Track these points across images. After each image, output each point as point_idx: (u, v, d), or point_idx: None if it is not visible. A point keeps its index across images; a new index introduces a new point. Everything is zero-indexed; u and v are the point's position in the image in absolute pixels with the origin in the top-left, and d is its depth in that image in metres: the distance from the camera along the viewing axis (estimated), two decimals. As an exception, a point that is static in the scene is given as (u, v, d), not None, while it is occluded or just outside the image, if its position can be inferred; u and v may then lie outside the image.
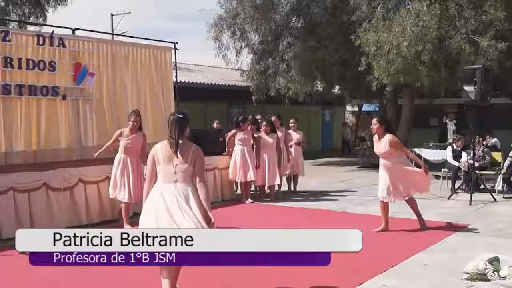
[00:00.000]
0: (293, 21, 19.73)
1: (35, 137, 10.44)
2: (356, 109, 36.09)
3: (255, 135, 12.07)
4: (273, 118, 12.77)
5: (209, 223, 5.25)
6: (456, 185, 12.64)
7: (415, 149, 15.83)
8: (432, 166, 15.20)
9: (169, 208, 5.13)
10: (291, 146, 12.94)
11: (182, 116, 5.70)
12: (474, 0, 14.49)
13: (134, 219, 9.51)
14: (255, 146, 12.04)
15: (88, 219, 9.34)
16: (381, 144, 8.53)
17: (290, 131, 13.23)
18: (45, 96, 10.55)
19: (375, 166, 19.54)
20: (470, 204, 11.05)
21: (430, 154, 15.26)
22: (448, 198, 11.91)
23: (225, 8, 19.57)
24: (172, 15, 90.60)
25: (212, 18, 19.66)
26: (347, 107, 35.03)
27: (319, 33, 17.79)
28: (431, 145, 15.78)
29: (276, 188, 12.46)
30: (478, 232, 8.50)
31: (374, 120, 8.77)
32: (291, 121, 13.37)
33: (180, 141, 5.50)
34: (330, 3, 17.52)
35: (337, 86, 22.05)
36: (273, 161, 11.93)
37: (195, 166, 5.40)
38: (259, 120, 12.75)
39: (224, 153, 12.21)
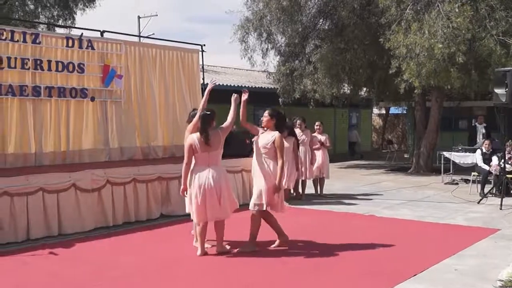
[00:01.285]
0: (320, 23, 19.62)
1: (64, 139, 10.54)
2: (383, 111, 35.84)
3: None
4: (298, 121, 12.68)
5: None
6: (486, 189, 12.42)
7: (444, 152, 15.66)
8: (462, 170, 15.09)
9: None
10: (318, 149, 12.85)
11: (209, 113, 7.38)
12: (505, 1, 14.25)
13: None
14: None
15: (113, 220, 9.37)
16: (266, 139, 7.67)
17: (315, 133, 13.14)
18: (74, 98, 10.67)
19: (402, 169, 19.57)
20: (501, 209, 10.85)
21: (459, 157, 15.05)
22: (478, 203, 11.72)
23: (252, 10, 19.52)
24: (198, 17, 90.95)
25: (238, 20, 19.64)
26: (374, 109, 34.78)
27: (346, 35, 17.65)
28: (460, 148, 15.54)
29: (293, 191, 12.35)
30: (510, 238, 8.33)
31: (266, 113, 8.03)
32: (317, 124, 13.29)
33: (210, 132, 7.09)
34: (358, 5, 17.39)
35: (365, 89, 21.87)
36: (289, 164, 11.71)
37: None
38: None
39: (251, 156, 12.09)
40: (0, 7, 21.46)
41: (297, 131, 12.49)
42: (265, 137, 7.64)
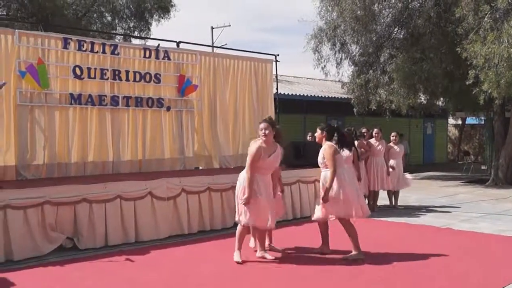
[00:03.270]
0: (395, 32, 19.34)
1: (141, 147, 10.77)
2: (459, 122, 34.93)
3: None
4: (374, 131, 12.49)
5: None
6: None
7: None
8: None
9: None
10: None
11: (278, 127, 7.59)
12: None
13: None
14: None
15: (189, 229, 9.47)
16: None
17: (391, 144, 12.91)
18: (151, 108, 10.89)
19: (480, 181, 18.95)
20: None
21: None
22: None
23: (325, 20, 19.46)
24: (270, 28, 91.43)
25: (312, 30, 19.63)
26: (450, 119, 33.94)
27: (422, 44, 17.32)
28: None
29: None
30: None
31: (317, 129, 8.01)
32: (393, 134, 13.03)
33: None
34: (434, 14, 17.04)
35: (441, 99, 21.39)
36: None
37: None
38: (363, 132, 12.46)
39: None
40: (79, 19, 22.21)
41: (373, 141, 12.32)
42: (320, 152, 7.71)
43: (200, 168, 11.90)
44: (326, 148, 7.59)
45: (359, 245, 7.49)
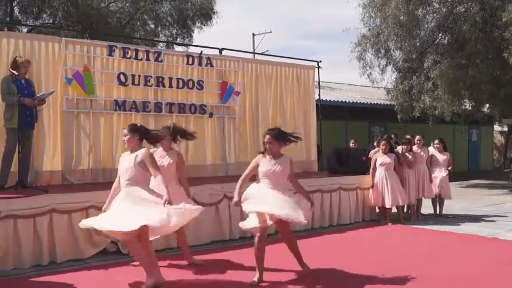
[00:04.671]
0: (439, 38, 19.13)
1: (183, 153, 10.79)
2: (506, 128, 34.23)
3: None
4: (417, 137, 12.32)
5: None
6: None
7: None
8: None
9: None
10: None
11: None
12: None
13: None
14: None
15: (230, 234, 9.49)
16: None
17: (435, 152, 12.69)
18: (193, 114, 10.97)
19: (529, 190, 18.47)
20: None
21: None
22: None
23: (369, 26, 19.36)
24: (310, 34, 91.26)
25: (354, 37, 19.57)
26: (496, 126, 33.29)
27: (467, 50, 17.05)
28: None
29: (405, 209, 12.00)
30: None
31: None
32: (435, 142, 12.79)
33: None
34: (480, 19, 16.75)
35: (487, 105, 21.01)
36: (392, 181, 11.32)
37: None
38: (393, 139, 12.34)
39: (367, 173, 11.84)
40: (123, 27, 22.55)
41: (415, 148, 12.16)
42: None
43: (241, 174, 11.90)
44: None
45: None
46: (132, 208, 6.22)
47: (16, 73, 8.14)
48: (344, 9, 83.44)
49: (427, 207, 12.61)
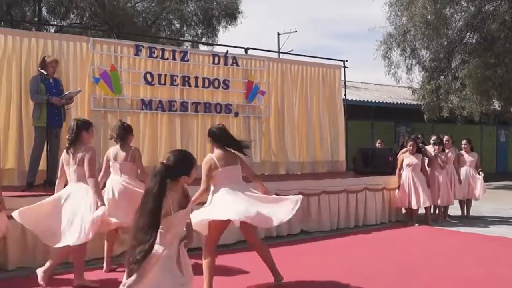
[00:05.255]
0: (467, 37, 18.92)
1: (209, 152, 10.81)
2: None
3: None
4: (445, 138, 12.18)
5: None
6: None
7: None
8: None
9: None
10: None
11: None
12: None
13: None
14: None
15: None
16: None
17: (462, 152, 12.54)
18: (219, 113, 10.98)
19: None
20: None
21: None
22: None
23: (395, 25, 19.23)
24: (336, 34, 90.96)
25: (380, 36, 19.47)
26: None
27: (496, 49, 16.84)
28: None
29: (432, 210, 11.86)
30: None
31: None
32: (463, 142, 12.64)
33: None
34: (509, 17, 16.52)
35: (517, 105, 20.75)
36: (419, 182, 11.20)
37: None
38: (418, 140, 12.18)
39: (394, 173, 11.72)
40: (149, 26, 22.70)
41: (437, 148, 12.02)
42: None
43: (266, 174, 11.88)
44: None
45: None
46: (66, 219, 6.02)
47: (45, 72, 8.23)
48: (372, 8, 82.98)
49: (454, 209, 12.46)
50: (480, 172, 12.41)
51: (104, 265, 7.08)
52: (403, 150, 12.08)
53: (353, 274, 7.01)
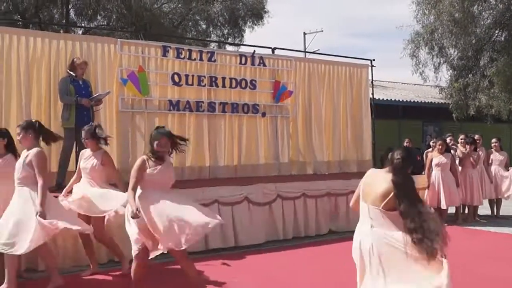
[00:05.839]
0: (496, 35, 18.69)
1: (237, 153, 10.86)
2: None
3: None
4: (476, 137, 12.06)
5: None
6: None
7: None
8: None
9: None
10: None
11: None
12: None
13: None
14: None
15: (284, 234, 9.48)
16: None
17: (492, 151, 12.41)
18: (246, 114, 10.95)
19: None
20: None
21: None
22: None
23: (422, 23, 19.06)
24: (362, 33, 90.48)
25: (408, 35, 19.32)
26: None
27: (526, 47, 16.63)
28: None
29: (461, 210, 11.73)
30: None
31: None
32: (493, 141, 12.51)
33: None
34: (539, 14, 16.32)
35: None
36: (448, 181, 11.10)
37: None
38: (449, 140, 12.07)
39: (423, 173, 11.63)
40: (175, 27, 22.81)
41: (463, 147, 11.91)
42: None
43: (294, 174, 11.85)
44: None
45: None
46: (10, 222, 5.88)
47: (74, 74, 8.31)
48: (398, 7, 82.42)
49: (483, 208, 12.31)
50: (505, 170, 12.28)
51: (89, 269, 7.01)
52: (429, 150, 12.04)
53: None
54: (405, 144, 14.97)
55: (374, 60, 13.06)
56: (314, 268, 7.39)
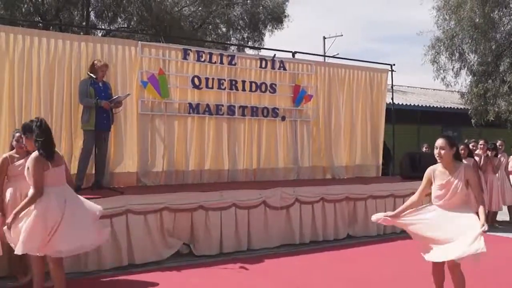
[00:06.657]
0: (516, 40, 18.54)
1: (256, 157, 10.88)
2: None
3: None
4: (498, 143, 11.99)
5: None
6: None
7: None
8: None
9: None
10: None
11: None
12: None
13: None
14: None
15: (300, 238, 9.45)
16: None
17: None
18: (266, 117, 10.97)
19: None
20: None
21: None
22: None
23: (443, 29, 18.96)
24: (382, 37, 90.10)
25: (428, 40, 19.25)
26: None
27: (546, 52, 16.49)
28: None
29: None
30: None
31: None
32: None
33: None
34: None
35: None
36: None
37: None
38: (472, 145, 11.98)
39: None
40: (195, 30, 22.88)
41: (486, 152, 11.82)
42: None
43: (313, 178, 11.82)
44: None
45: None
46: None
47: (94, 76, 8.36)
48: (419, 12, 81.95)
49: (502, 214, 12.21)
50: None
51: None
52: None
53: (402, 279, 6.94)
54: (424, 149, 14.89)
55: (394, 64, 13.02)
56: (332, 273, 7.37)
